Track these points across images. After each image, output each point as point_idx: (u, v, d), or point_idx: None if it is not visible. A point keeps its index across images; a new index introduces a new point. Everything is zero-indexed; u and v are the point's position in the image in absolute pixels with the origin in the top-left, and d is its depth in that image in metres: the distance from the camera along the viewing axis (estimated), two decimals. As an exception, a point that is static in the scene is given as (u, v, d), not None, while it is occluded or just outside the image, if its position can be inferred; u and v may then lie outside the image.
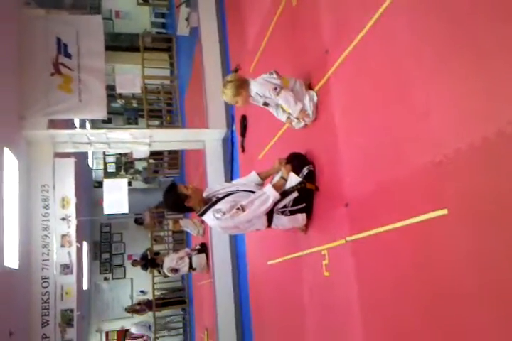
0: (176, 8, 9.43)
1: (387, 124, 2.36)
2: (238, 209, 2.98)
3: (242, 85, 3.26)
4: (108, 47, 7.92)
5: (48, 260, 5.67)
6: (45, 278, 5.62)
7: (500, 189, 1.63)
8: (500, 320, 1.63)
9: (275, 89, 3.15)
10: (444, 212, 1.90)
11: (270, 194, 3.03)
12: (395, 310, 2.32)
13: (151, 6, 13.50)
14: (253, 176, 3.43)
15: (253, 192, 3.18)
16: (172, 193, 3.17)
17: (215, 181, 6.34)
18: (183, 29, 9.02)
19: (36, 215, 5.75)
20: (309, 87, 3.34)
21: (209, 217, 3.10)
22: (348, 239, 2.78)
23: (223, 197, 3.12)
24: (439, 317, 1.97)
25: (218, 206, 3.05)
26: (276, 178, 3.32)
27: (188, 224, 8.59)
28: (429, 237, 2.02)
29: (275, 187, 3.09)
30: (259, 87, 3.21)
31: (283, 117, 3.48)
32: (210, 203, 3.12)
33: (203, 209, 3.13)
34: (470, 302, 1.77)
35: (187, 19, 8.58)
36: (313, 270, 3.33)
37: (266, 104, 3.37)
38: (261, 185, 3.41)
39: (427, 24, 2.02)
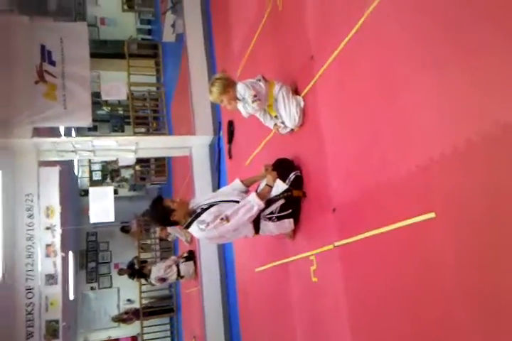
0: (161, 14, 9.41)
1: (374, 128, 2.36)
2: (222, 219, 2.96)
3: (229, 84, 3.25)
4: (93, 54, 7.86)
5: (32, 270, 5.58)
6: (30, 289, 5.51)
7: (486, 191, 1.62)
8: (485, 323, 1.63)
9: (255, 96, 3.16)
10: (432, 215, 1.90)
11: (254, 203, 3.01)
12: (382, 315, 2.30)
13: (137, 13, 13.46)
14: (237, 184, 3.41)
15: (237, 201, 3.15)
16: (158, 207, 3.14)
17: (202, 187, 6.31)
18: (168, 35, 9.01)
19: (20, 225, 5.65)
20: (296, 92, 3.34)
21: (194, 229, 3.08)
22: (336, 244, 2.76)
23: (207, 208, 3.09)
24: (426, 322, 1.96)
25: (202, 217, 3.03)
26: (262, 185, 3.30)
27: (175, 231, 8.53)
28: (417, 241, 2.01)
29: (260, 195, 3.07)
30: (243, 89, 3.20)
31: (270, 124, 3.48)
32: (194, 215, 3.09)
33: (188, 222, 3.10)
34: (456, 306, 1.76)
35: (173, 25, 8.56)
36: (301, 276, 3.31)
37: None
38: (246, 192, 3.39)
39: (413, 26, 2.02)
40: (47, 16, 8.38)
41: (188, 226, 3.11)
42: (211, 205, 3.12)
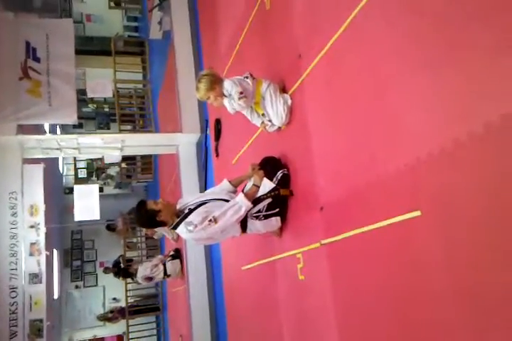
0: (148, 11, 9.35)
1: (361, 127, 2.37)
2: (210, 220, 2.93)
3: (216, 81, 3.23)
4: (79, 51, 7.79)
5: (16, 269, 5.50)
6: (13, 288, 5.44)
7: (471, 190, 1.64)
8: (471, 320, 1.65)
9: (241, 93, 3.15)
10: (417, 213, 1.91)
11: (242, 203, 3.00)
12: (370, 313, 2.32)
13: (123, 10, 13.36)
14: (225, 184, 3.39)
15: (225, 200, 3.14)
16: (142, 211, 3.10)
17: (188, 185, 6.29)
18: (155, 33, 8.95)
19: (4, 223, 5.57)
20: (283, 90, 3.34)
21: (182, 230, 3.05)
22: (323, 242, 2.77)
23: (195, 208, 3.07)
24: (414, 321, 1.97)
25: (190, 218, 3.00)
26: (249, 185, 3.29)
27: (162, 229, 8.49)
28: (403, 239, 2.03)
29: (247, 195, 3.06)
30: (230, 85, 3.19)
31: (257, 121, 3.47)
32: (182, 215, 3.06)
33: (175, 223, 3.08)
34: (444, 304, 1.78)
35: (159, 23, 8.51)
36: (288, 274, 3.32)
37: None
38: (234, 192, 3.37)
39: (402, 25, 2.03)
40: (32, 13, 8.27)
41: (175, 227, 3.08)
42: (199, 205, 3.10)
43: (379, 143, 2.21)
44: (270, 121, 3.35)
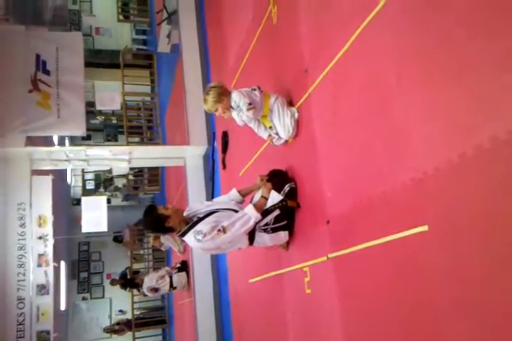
0: (157, 25, 9.46)
1: (368, 141, 2.38)
2: (219, 230, 2.93)
3: (224, 93, 3.24)
4: (88, 64, 7.90)
5: (23, 280, 5.52)
6: (21, 299, 5.46)
7: (479, 204, 1.64)
8: (476, 335, 1.63)
9: (250, 104, 3.16)
10: (425, 228, 1.91)
11: (252, 215, 3.00)
12: (376, 327, 2.30)
13: (132, 23, 13.52)
14: (234, 194, 3.40)
15: (234, 210, 3.15)
16: (152, 215, 3.12)
17: (195, 198, 6.30)
18: (164, 46, 9.05)
19: (12, 234, 5.60)
20: (290, 103, 3.36)
21: (190, 239, 3.04)
22: (330, 255, 2.77)
23: (204, 217, 3.07)
24: (419, 335, 1.96)
25: (199, 227, 2.99)
26: (257, 196, 3.29)
27: (168, 241, 8.49)
28: (410, 253, 2.02)
29: (256, 207, 3.05)
30: (238, 97, 3.19)
31: (264, 134, 3.48)
32: (190, 223, 3.06)
33: (183, 230, 3.08)
34: (449, 319, 1.77)
35: (168, 36, 8.61)
36: (295, 287, 3.30)
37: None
38: (242, 202, 3.38)
39: (408, 41, 2.05)
40: (42, 26, 8.40)
41: (183, 234, 3.09)
42: (208, 214, 3.10)
43: (386, 157, 2.22)
44: (277, 134, 3.37)
